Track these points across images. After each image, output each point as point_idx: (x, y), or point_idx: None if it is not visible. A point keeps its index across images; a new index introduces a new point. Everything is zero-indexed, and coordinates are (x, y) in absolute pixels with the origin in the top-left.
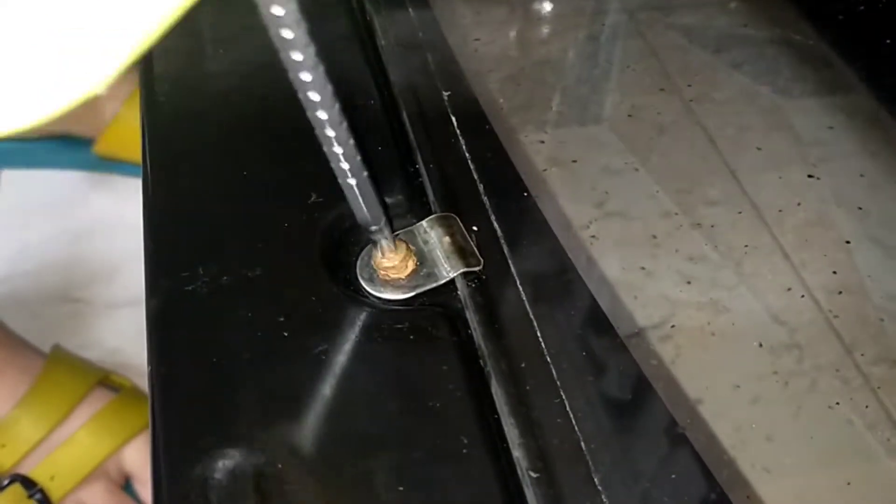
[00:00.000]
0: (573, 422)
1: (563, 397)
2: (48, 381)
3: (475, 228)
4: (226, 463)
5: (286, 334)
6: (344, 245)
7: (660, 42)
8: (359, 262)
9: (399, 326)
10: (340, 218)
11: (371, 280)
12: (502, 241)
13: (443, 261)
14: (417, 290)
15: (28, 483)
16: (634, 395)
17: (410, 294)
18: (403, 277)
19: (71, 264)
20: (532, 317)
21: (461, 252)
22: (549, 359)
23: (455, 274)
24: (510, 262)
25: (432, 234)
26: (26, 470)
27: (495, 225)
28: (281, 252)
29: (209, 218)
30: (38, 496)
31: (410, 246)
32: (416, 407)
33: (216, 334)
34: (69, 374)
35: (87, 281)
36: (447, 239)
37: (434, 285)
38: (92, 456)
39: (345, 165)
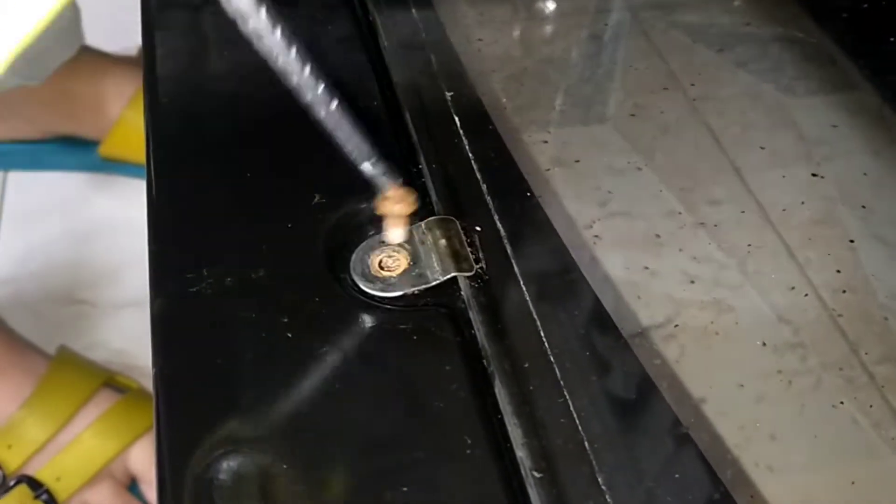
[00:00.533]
0: (577, 422)
1: (567, 397)
2: (53, 382)
3: (478, 228)
4: (230, 464)
5: (290, 335)
6: (348, 246)
7: (663, 41)
8: (353, 257)
9: (402, 327)
10: (344, 218)
11: (363, 275)
12: (505, 241)
13: (436, 263)
14: (405, 290)
15: (34, 484)
16: (638, 395)
17: (398, 293)
18: (395, 275)
19: (76, 265)
20: (535, 317)
21: (455, 256)
22: (552, 358)
23: (445, 278)
24: (513, 261)
25: (429, 236)
26: (32, 471)
27: (498, 225)
28: (284, 253)
29: (213, 219)
30: (44, 497)
31: (406, 245)
32: (420, 407)
33: (220, 335)
34: (74, 375)
35: (92, 282)
36: (443, 242)
37: (424, 286)
38: (98, 457)
39: (311, 96)
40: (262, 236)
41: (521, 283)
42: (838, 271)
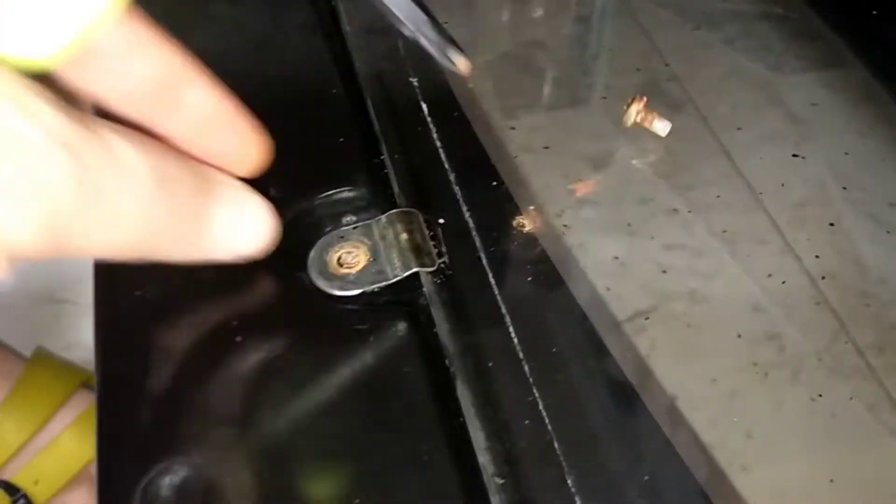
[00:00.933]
0: (546, 421)
1: (536, 395)
2: (29, 384)
3: (441, 221)
4: (172, 478)
5: (239, 339)
6: (304, 243)
7: (648, 19)
8: (310, 254)
9: (360, 328)
10: (301, 214)
11: (321, 273)
12: (473, 233)
13: (396, 258)
14: (365, 288)
15: (11, 489)
16: (610, 391)
17: (357, 291)
18: (354, 272)
19: (56, 264)
20: (504, 311)
21: (417, 250)
22: (521, 355)
23: (405, 274)
24: (480, 254)
25: (390, 230)
26: (9, 475)
27: (466, 216)
28: None
29: None
30: (21, 501)
31: (366, 240)
32: (375, 413)
33: (166, 340)
34: (51, 376)
35: (73, 281)
36: (405, 236)
37: (384, 283)
38: (75, 459)
39: None
40: None
41: (489, 276)
42: (817, 257)
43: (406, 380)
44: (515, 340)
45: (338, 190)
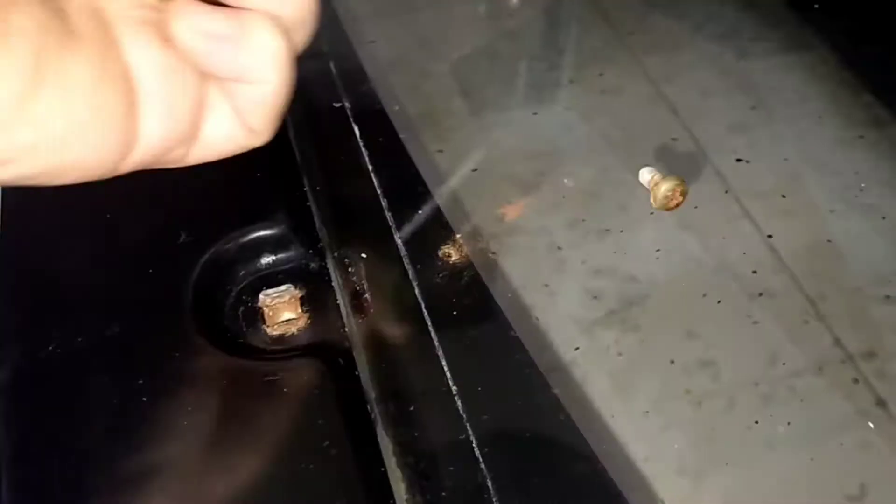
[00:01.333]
0: (480, 460)
1: (470, 432)
2: None
3: (363, 255)
4: None
5: (145, 399)
6: (220, 289)
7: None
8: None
9: (272, 379)
10: (215, 258)
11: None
12: (405, 261)
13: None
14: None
15: None
16: (545, 426)
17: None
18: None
19: None
20: (437, 345)
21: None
22: (454, 391)
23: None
24: (414, 283)
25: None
26: None
27: (399, 244)
28: (143, 303)
29: (65, 268)
30: None
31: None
32: (288, 471)
33: (70, 405)
34: None
35: None
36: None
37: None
38: None
39: None
40: (119, 285)
41: (422, 308)
42: (754, 272)
43: (321, 433)
44: (448, 375)
45: (254, 229)
